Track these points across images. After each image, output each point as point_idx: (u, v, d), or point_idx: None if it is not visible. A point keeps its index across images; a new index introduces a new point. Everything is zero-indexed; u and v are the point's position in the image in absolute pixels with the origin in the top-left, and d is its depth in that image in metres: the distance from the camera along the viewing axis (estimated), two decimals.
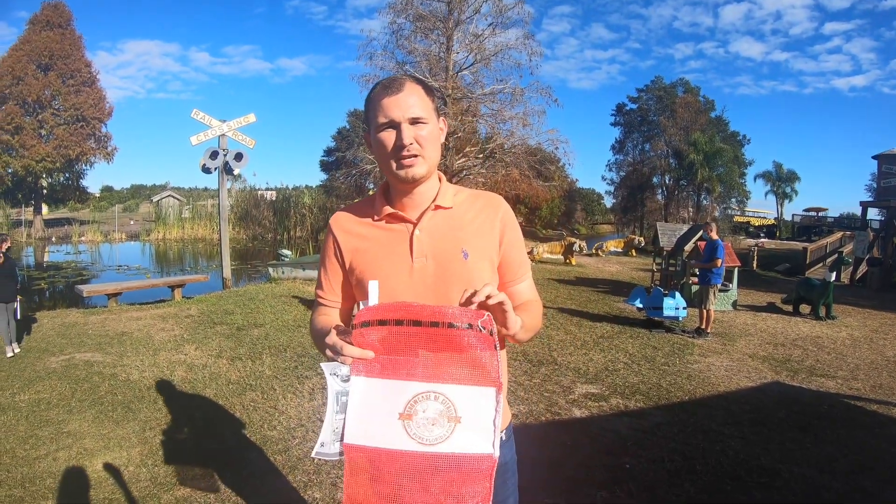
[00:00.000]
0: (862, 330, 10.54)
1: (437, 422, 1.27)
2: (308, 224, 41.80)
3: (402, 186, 1.67)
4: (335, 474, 4.26)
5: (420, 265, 1.62)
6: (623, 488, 4.12)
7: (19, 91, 37.20)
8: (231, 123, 14.38)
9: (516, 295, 1.74)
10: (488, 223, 1.69)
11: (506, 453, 1.72)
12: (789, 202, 61.61)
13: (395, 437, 1.28)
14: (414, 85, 1.62)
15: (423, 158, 1.60)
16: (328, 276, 1.80)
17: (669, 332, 9.66)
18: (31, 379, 6.56)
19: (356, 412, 1.32)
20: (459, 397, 1.27)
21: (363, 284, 1.63)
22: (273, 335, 8.80)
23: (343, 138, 47.56)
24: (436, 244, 1.64)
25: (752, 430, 5.37)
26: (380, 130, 1.60)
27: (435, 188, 1.72)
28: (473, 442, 1.26)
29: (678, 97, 45.48)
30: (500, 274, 1.72)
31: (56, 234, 39.83)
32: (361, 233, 1.72)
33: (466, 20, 23.32)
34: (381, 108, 1.58)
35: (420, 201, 1.69)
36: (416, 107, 1.58)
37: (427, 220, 1.67)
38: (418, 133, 1.58)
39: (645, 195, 46.87)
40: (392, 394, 1.30)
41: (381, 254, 1.66)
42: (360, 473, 1.30)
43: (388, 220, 1.70)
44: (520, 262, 1.75)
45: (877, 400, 6.44)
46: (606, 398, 6.16)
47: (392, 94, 1.57)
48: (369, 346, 1.33)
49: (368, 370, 1.33)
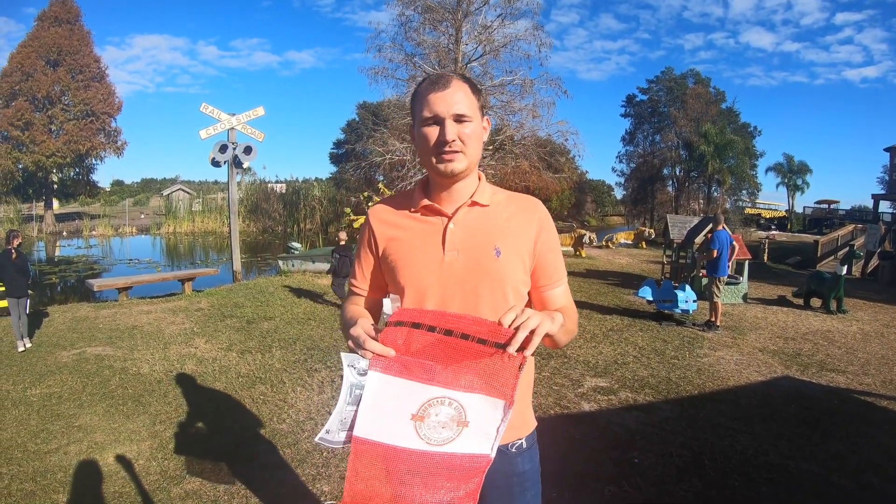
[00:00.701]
0: (873, 324, 10.46)
1: (447, 425, 1.29)
2: (318, 217, 41.90)
3: (441, 181, 1.68)
4: (343, 468, 4.27)
5: (451, 258, 1.63)
6: (631, 483, 4.11)
7: (29, 87, 37.33)
8: (240, 117, 14.42)
9: (550, 300, 1.74)
10: (524, 224, 1.69)
11: (524, 462, 1.74)
12: (800, 194, 61.19)
13: (404, 436, 1.30)
14: (460, 83, 1.63)
15: (463, 155, 1.61)
16: (361, 265, 1.83)
17: (679, 325, 9.62)
18: (43, 373, 6.61)
19: (369, 407, 1.35)
20: (471, 404, 1.30)
21: (395, 274, 1.68)
22: (283, 328, 8.83)
23: (352, 130, 47.60)
24: (468, 239, 1.65)
25: (761, 425, 5.34)
26: (424, 125, 1.62)
27: (474, 185, 1.72)
28: (476, 443, 1.28)
29: (688, 88, 45.27)
30: (535, 277, 1.72)
31: (67, 228, 40.05)
32: (397, 223, 1.74)
33: (475, 11, 23.23)
34: (427, 102, 1.59)
35: (458, 197, 1.70)
36: (461, 104, 1.59)
37: (462, 215, 1.68)
38: (461, 130, 1.59)
39: (655, 187, 46.76)
40: (408, 394, 1.33)
41: (414, 244, 1.68)
42: (364, 466, 1.31)
43: (424, 213, 1.71)
44: (555, 266, 1.73)
45: (887, 396, 6.39)
46: (615, 392, 6.15)
47: (438, 90, 1.59)
48: (394, 345, 1.37)
49: (387, 367, 1.36)
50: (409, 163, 23.32)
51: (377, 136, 25.09)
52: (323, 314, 9.92)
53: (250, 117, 14.62)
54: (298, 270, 15.87)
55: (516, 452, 1.71)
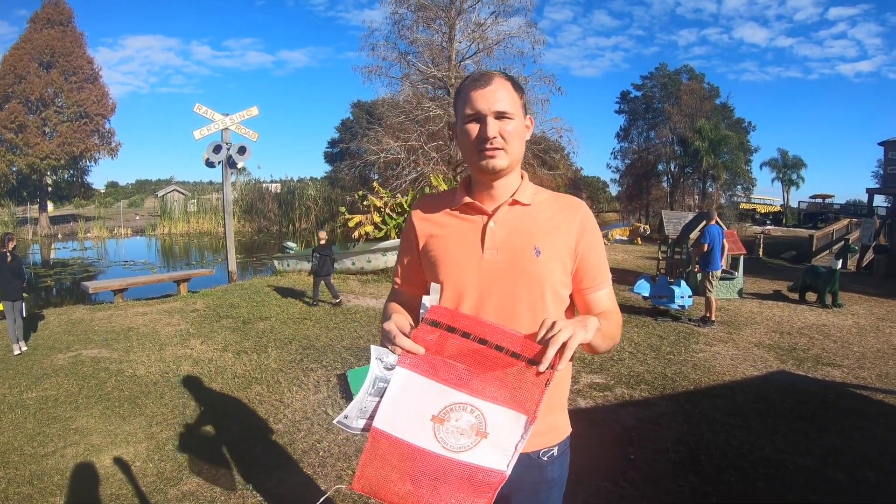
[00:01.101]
0: (868, 318, 10.50)
1: (466, 433, 1.31)
2: (313, 216, 41.83)
3: (482, 178, 1.68)
4: (339, 467, 4.29)
5: (490, 256, 1.62)
6: (627, 479, 4.13)
7: (22, 89, 37.22)
8: (234, 117, 14.39)
9: (593, 303, 1.71)
10: (565, 224, 1.67)
11: (554, 470, 1.73)
12: (795, 189, 61.25)
13: (421, 435, 1.32)
14: (503, 80, 1.62)
15: (505, 152, 1.60)
16: (402, 261, 1.85)
17: (675, 320, 9.64)
18: (39, 376, 6.60)
19: (392, 401, 1.37)
20: (493, 415, 1.31)
21: (434, 270, 1.69)
22: (278, 328, 8.83)
23: (347, 129, 47.69)
24: (508, 238, 1.64)
25: (756, 420, 5.36)
26: (466, 122, 1.61)
27: (516, 184, 1.71)
28: (492, 457, 1.29)
29: (683, 84, 45.34)
30: (577, 280, 1.69)
31: (62, 230, 39.95)
32: (438, 220, 1.74)
33: (468, 9, 23.28)
34: (469, 99, 1.59)
35: (499, 195, 1.69)
36: (503, 101, 1.58)
37: (502, 214, 1.67)
38: (503, 127, 1.58)
39: (650, 183, 46.80)
40: (431, 395, 1.35)
41: (454, 241, 1.68)
42: (378, 456, 1.34)
43: (465, 210, 1.71)
44: (598, 268, 1.70)
45: (883, 389, 6.42)
46: (611, 388, 6.16)
47: (480, 87, 1.59)
48: (425, 344, 1.39)
49: (415, 365, 1.38)
50: (404, 161, 23.34)
51: (371, 135, 25.13)
52: (318, 314, 9.91)
53: (244, 117, 14.60)
54: (294, 270, 15.86)
55: (547, 461, 1.70)
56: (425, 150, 23.18)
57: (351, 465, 4.31)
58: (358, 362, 6.93)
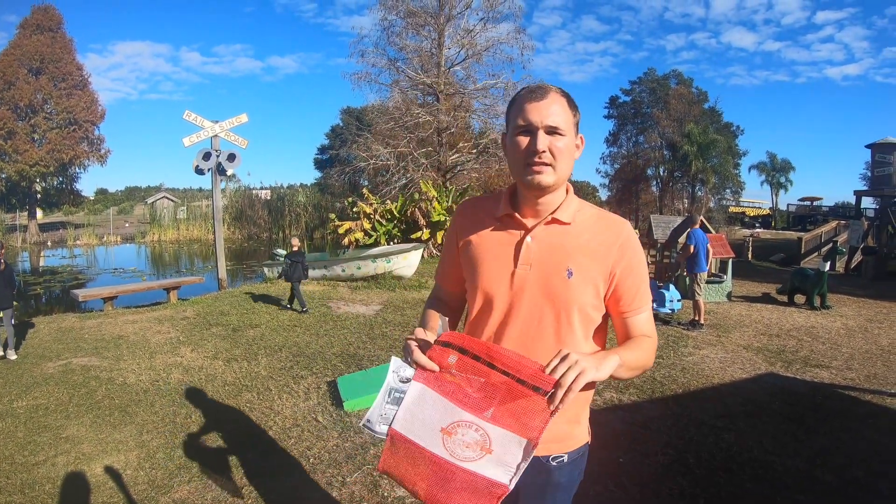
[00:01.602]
0: (857, 319, 10.57)
1: (471, 447, 1.37)
2: (303, 223, 41.76)
3: (527, 192, 1.67)
4: (330, 473, 4.29)
5: (522, 272, 1.64)
6: (616, 482, 4.15)
7: (11, 96, 37.04)
8: (223, 124, 14.37)
9: (631, 327, 1.69)
10: (604, 246, 1.65)
11: (562, 475, 1.74)
12: (784, 192, 61.79)
13: (431, 442, 1.41)
14: (558, 96, 1.62)
15: (553, 169, 1.59)
16: (444, 258, 1.91)
17: (665, 324, 9.68)
18: (29, 385, 6.57)
19: (407, 409, 1.45)
20: (497, 436, 1.37)
21: (469, 274, 1.74)
22: (268, 335, 8.82)
23: (337, 136, 47.68)
24: (543, 256, 1.64)
25: (745, 422, 5.40)
26: (516, 133, 1.60)
27: (559, 200, 1.70)
28: (495, 471, 1.35)
29: (671, 89, 45.72)
30: (614, 302, 1.68)
31: (51, 238, 39.77)
32: (479, 225, 1.77)
33: (458, 15, 23.40)
34: (523, 111, 1.58)
35: (541, 210, 1.69)
36: (556, 116, 1.57)
37: (540, 230, 1.67)
38: (553, 143, 1.58)
39: (639, 187, 47.12)
40: (441, 409, 1.42)
41: (490, 251, 1.71)
42: (398, 452, 1.44)
43: (505, 221, 1.72)
44: (636, 291, 1.68)
45: (871, 390, 6.47)
46: (600, 392, 6.18)
47: (535, 99, 1.58)
48: (440, 363, 1.44)
49: (429, 381, 1.45)
50: (394, 167, 23.39)
51: (361, 142, 25.17)
52: (308, 321, 9.91)
53: (233, 124, 14.58)
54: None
55: (556, 466, 1.71)
56: (415, 157, 23.24)
57: (341, 472, 4.32)
58: (348, 369, 6.94)
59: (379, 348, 8.05)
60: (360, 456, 4.57)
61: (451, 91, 23.21)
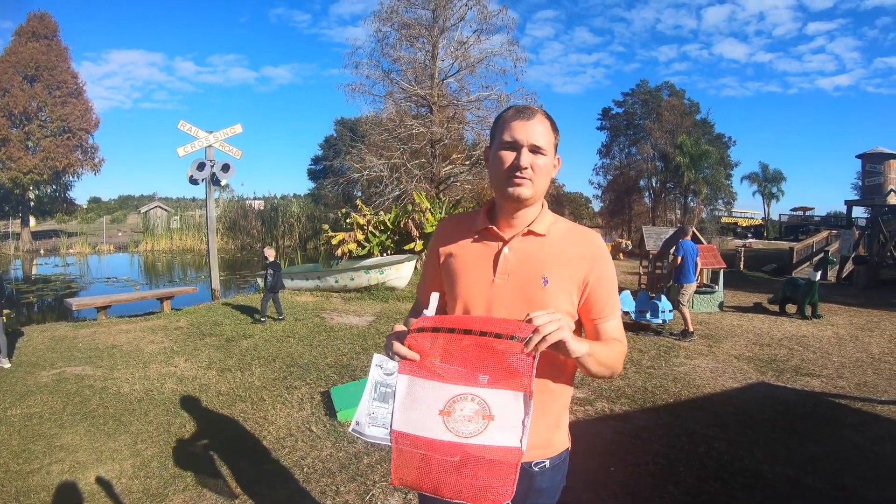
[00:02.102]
0: (847, 328, 10.65)
1: (473, 419, 1.43)
2: (296, 233, 41.79)
3: (506, 205, 1.77)
4: (324, 482, 4.32)
5: (501, 282, 1.73)
6: (607, 490, 4.18)
7: (5, 103, 37.07)
8: (218, 134, 14.43)
9: (602, 333, 1.78)
10: (577, 257, 1.74)
11: (544, 480, 1.81)
12: (776, 202, 62.07)
13: (435, 429, 1.45)
14: (543, 118, 1.72)
15: (531, 183, 1.69)
16: (426, 274, 2.00)
17: (656, 334, 9.74)
18: (23, 393, 6.57)
19: (402, 404, 1.49)
20: (493, 399, 1.42)
21: (449, 286, 1.82)
22: (262, 346, 8.84)
23: (330, 147, 47.71)
24: (519, 266, 1.73)
25: (736, 431, 5.44)
26: (501, 148, 1.71)
27: (535, 214, 1.80)
28: (503, 437, 1.41)
29: (664, 100, 45.93)
30: (586, 310, 1.77)
31: (44, 246, 39.68)
32: (459, 240, 1.85)
33: (451, 27, 23.50)
34: (510, 128, 1.68)
35: (517, 223, 1.78)
36: (540, 136, 1.68)
37: (517, 242, 1.76)
38: (535, 161, 1.68)
39: (632, 198, 47.25)
40: (434, 393, 1.47)
41: (469, 264, 1.79)
42: (405, 456, 1.48)
43: (484, 235, 1.81)
44: (606, 300, 1.77)
45: (861, 398, 6.53)
46: (592, 402, 6.22)
47: (523, 119, 1.69)
48: (421, 350, 1.49)
49: (413, 370, 1.49)
50: (387, 179, 23.41)
51: (355, 153, 25.22)
52: (302, 332, 9.92)
53: (228, 135, 14.63)
54: None
55: (538, 471, 1.78)
56: (408, 168, 23.29)
57: (335, 481, 4.35)
58: (341, 380, 6.96)
59: (372, 359, 8.05)
60: (353, 465, 4.59)
61: (444, 103, 23.28)
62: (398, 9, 22.91)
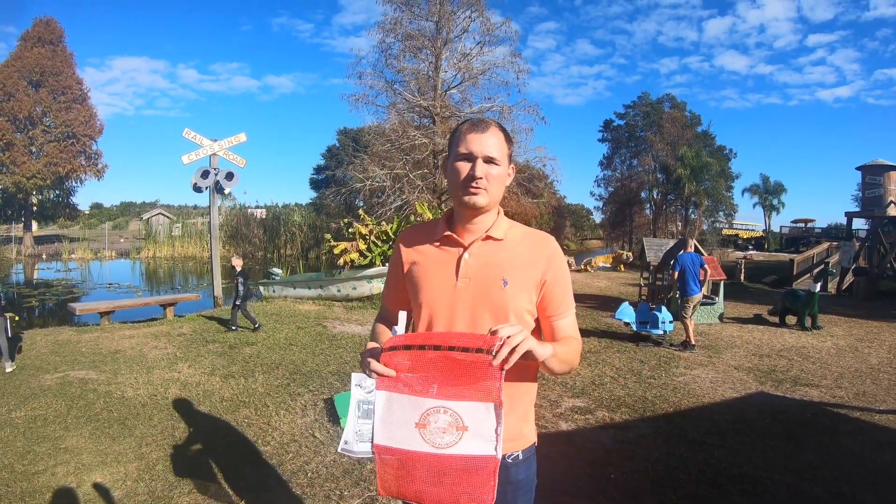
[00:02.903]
0: (847, 339, 10.70)
1: (447, 430, 1.50)
2: (298, 242, 41.78)
3: (464, 212, 1.87)
4: (328, 488, 4.36)
5: (463, 285, 1.82)
6: (606, 497, 4.23)
7: (10, 107, 37.13)
8: (222, 143, 14.51)
9: (557, 330, 1.89)
10: (533, 258, 1.84)
11: (519, 472, 1.89)
12: (777, 214, 62.19)
13: (413, 441, 1.52)
14: (497, 130, 1.83)
15: (487, 192, 1.79)
16: (389, 282, 2.09)
17: (657, 345, 9.78)
18: (27, 396, 6.62)
19: (381, 419, 1.56)
20: (465, 411, 1.49)
21: (414, 293, 1.91)
22: (265, 353, 8.89)
23: (333, 156, 47.77)
24: (480, 269, 1.82)
25: (735, 439, 5.49)
26: (458, 159, 1.82)
27: (492, 220, 1.89)
28: (478, 446, 1.48)
29: (665, 112, 46.04)
30: (543, 308, 1.87)
31: (46, 251, 39.65)
32: (420, 248, 1.95)
33: (455, 39, 23.60)
34: (465, 140, 1.79)
35: (476, 230, 1.88)
36: (494, 148, 1.79)
37: (476, 247, 1.85)
38: (489, 171, 1.79)
39: (633, 210, 47.31)
40: (410, 407, 1.54)
41: (432, 270, 1.88)
42: (388, 466, 1.56)
43: (444, 242, 1.91)
44: (561, 299, 1.88)
45: (859, 407, 6.58)
46: (592, 411, 6.27)
47: (478, 132, 1.79)
48: (395, 367, 1.55)
49: (389, 386, 1.56)
50: (389, 189, 23.43)
51: (357, 163, 25.26)
52: (304, 340, 9.97)
53: (232, 143, 14.72)
54: (279, 296, 15.91)
55: (512, 463, 1.86)
56: (410, 179, 23.34)
57: (339, 486, 4.40)
58: (344, 387, 7.00)
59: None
60: (357, 471, 4.64)
61: (447, 114, 23.35)
62: (402, 20, 23.05)
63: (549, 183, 31.86)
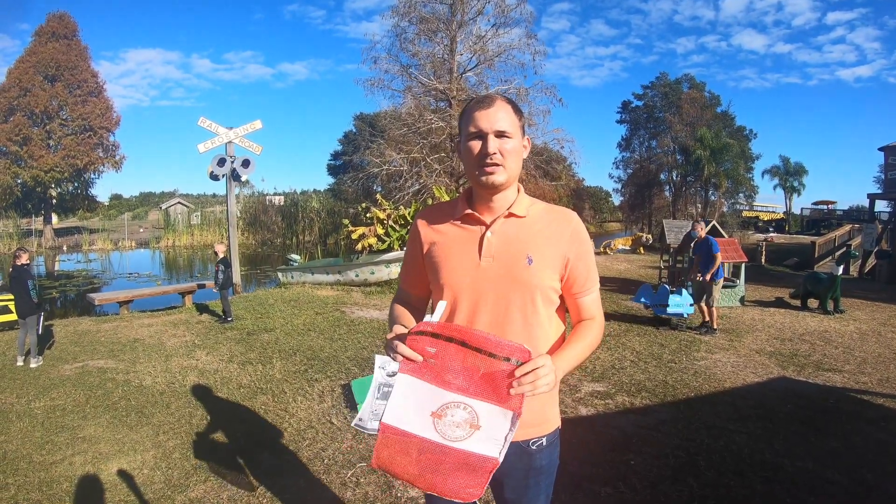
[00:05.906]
0: (870, 323, 10.53)
1: (461, 426, 1.51)
2: (316, 228, 41.95)
3: (482, 192, 1.83)
4: (344, 474, 4.34)
5: (486, 264, 1.77)
6: (627, 484, 4.17)
7: (27, 102, 37.48)
8: (238, 130, 14.53)
9: (581, 307, 1.88)
10: (557, 234, 1.81)
11: (542, 458, 1.87)
12: (797, 196, 61.39)
13: (424, 428, 1.53)
14: (504, 103, 1.77)
15: (503, 168, 1.74)
16: (408, 264, 2.03)
17: (676, 329, 9.69)
18: (46, 386, 6.68)
19: (397, 401, 1.55)
20: (483, 411, 1.50)
21: (435, 274, 1.86)
22: (283, 339, 8.90)
23: (350, 142, 47.79)
24: (503, 247, 1.78)
25: (756, 425, 5.41)
26: (469, 139, 1.76)
27: (512, 197, 1.85)
28: (485, 446, 1.49)
29: (683, 93, 45.48)
30: (568, 285, 1.84)
31: (66, 243, 40.04)
32: (440, 228, 1.90)
33: (469, 21, 23.47)
34: (472, 119, 1.74)
35: (497, 207, 1.83)
36: (503, 121, 1.73)
37: (499, 225, 1.81)
38: (502, 145, 1.73)
39: (652, 192, 46.92)
40: (429, 395, 1.54)
41: (454, 249, 1.84)
42: (390, 445, 1.55)
43: (465, 221, 1.86)
44: (586, 275, 1.85)
45: (883, 394, 6.45)
46: (612, 396, 6.21)
47: (483, 108, 1.74)
48: (422, 352, 1.53)
49: (414, 371, 1.54)
50: (407, 173, 23.40)
51: (374, 148, 25.25)
52: (322, 325, 9.97)
53: (248, 130, 14.73)
54: (297, 282, 15.93)
55: (536, 449, 1.84)
56: (428, 163, 23.30)
57: (355, 473, 4.37)
58: (362, 372, 6.99)
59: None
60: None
61: (463, 97, 23.23)
62: (416, 4, 22.94)
63: (568, 165, 31.59)
